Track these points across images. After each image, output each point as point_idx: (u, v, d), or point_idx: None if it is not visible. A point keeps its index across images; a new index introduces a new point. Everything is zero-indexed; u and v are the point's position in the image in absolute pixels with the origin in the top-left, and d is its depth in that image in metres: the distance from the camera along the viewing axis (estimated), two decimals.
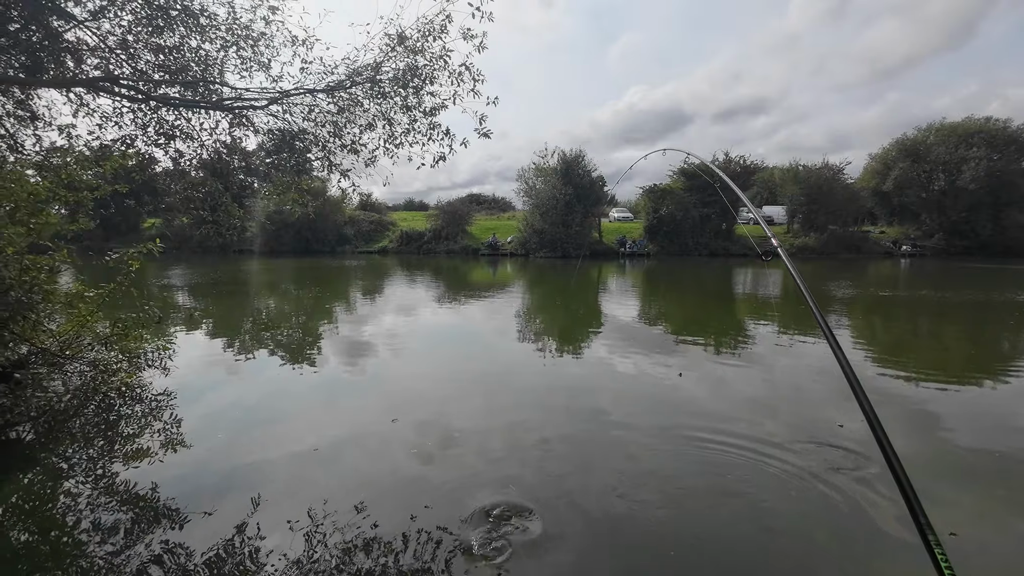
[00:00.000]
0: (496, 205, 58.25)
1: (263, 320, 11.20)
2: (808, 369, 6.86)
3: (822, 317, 1.67)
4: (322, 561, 2.78)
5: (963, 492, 3.65)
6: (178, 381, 5.88)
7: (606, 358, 7.34)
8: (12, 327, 4.16)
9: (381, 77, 5.19)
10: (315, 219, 38.14)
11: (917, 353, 8.23)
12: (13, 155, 4.96)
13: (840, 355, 1.52)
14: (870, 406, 1.38)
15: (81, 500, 3.47)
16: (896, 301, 14.34)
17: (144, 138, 5.08)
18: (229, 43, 5.13)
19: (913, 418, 5.02)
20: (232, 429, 4.67)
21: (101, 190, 5.61)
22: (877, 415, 1.36)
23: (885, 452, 1.27)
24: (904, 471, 1.24)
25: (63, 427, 4.59)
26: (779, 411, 5.14)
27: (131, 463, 3.97)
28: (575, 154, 36.23)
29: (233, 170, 5.82)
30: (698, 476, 3.79)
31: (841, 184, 39.11)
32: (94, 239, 28.88)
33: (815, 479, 3.71)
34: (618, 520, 3.18)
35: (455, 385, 6.19)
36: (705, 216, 36.70)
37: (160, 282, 17.83)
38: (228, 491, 3.52)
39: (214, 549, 2.87)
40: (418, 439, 4.36)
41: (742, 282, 20.19)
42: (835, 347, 1.55)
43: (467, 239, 39.45)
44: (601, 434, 4.55)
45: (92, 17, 4.66)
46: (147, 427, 4.66)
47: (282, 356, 7.56)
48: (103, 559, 2.81)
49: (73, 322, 5.01)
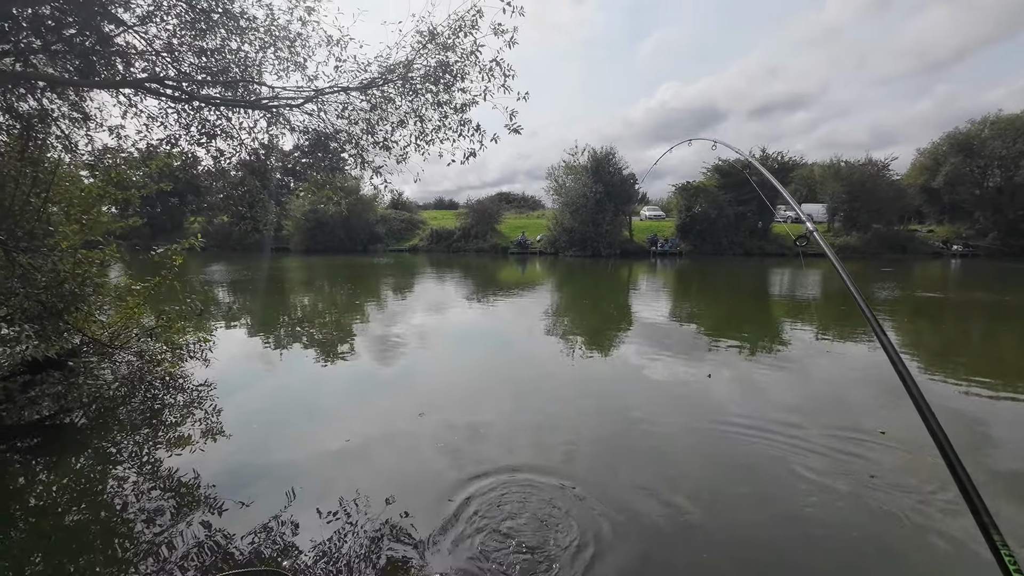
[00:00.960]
0: (526, 203, 58.17)
1: (298, 316, 11.50)
2: (848, 373, 6.59)
3: (868, 308, 1.57)
4: (353, 549, 2.81)
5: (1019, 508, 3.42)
6: (218, 373, 6.09)
7: (636, 359, 7.23)
8: (66, 317, 4.38)
9: (413, 74, 5.24)
10: (348, 217, 38.98)
11: (969, 359, 7.79)
12: (68, 155, 5.22)
13: (885, 340, 1.43)
14: (922, 397, 1.29)
15: (128, 484, 3.63)
16: (946, 304, 13.63)
17: (187, 137, 5.28)
18: (267, 44, 5.27)
19: (961, 427, 4.75)
20: (268, 420, 4.80)
21: (147, 188, 5.86)
22: (930, 407, 1.27)
23: (940, 445, 1.18)
24: (964, 468, 1.15)
25: (112, 414, 4.81)
26: (818, 416, 4.95)
27: (174, 450, 4.12)
28: (606, 152, 35.83)
29: (271, 169, 5.98)
30: (732, 479, 3.68)
31: (886, 181, 37.36)
32: (142, 237, 30.20)
33: (856, 486, 3.55)
34: (650, 521, 3.11)
35: (483, 383, 6.20)
36: (740, 214, 35.69)
37: (201, 278, 18.54)
38: (264, 480, 3.62)
39: (251, 535, 2.95)
40: (447, 434, 4.38)
41: (779, 283, 19.56)
42: (879, 333, 1.45)
43: (496, 238, 39.54)
44: (632, 435, 4.48)
45: (140, 22, 4.86)
46: (189, 416, 4.84)
47: (316, 351, 7.74)
48: (148, 540, 2.92)
49: (121, 314, 5.25)
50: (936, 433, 1.21)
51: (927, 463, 3.91)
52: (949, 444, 1.19)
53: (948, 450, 1.18)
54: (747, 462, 3.93)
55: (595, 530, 2.99)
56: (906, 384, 1.33)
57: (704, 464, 3.93)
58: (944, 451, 1.18)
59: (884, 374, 6.43)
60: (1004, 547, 1.03)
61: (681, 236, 37.01)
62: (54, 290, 4.13)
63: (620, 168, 36.06)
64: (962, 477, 1.13)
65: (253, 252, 37.24)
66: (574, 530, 2.98)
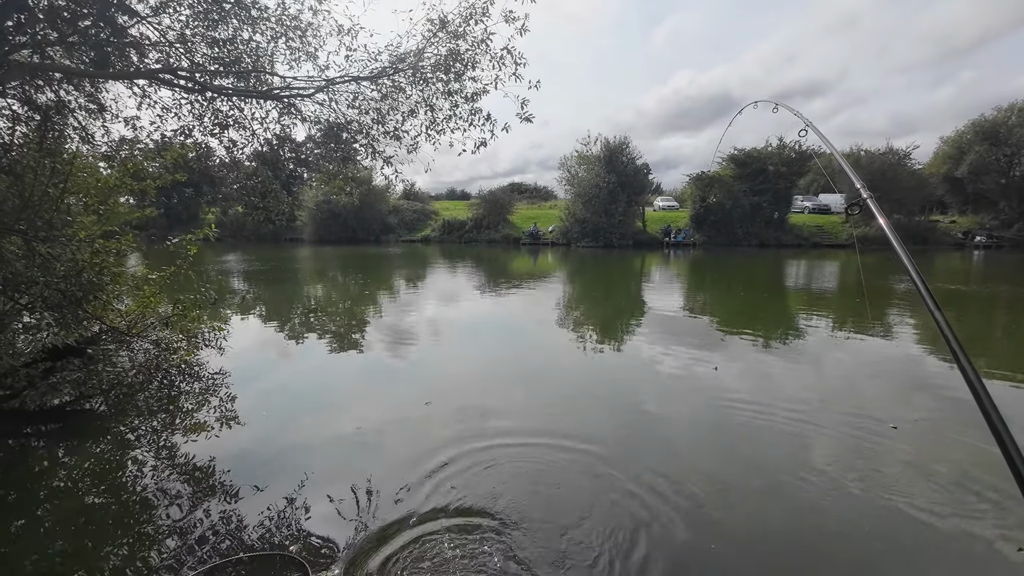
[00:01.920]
0: (538, 194, 57.87)
1: (311, 305, 11.62)
2: (863, 367, 6.48)
3: (928, 292, 1.44)
4: (363, 535, 2.85)
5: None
6: (233, 361, 6.20)
7: (648, 350, 7.19)
8: (85, 306, 4.47)
9: (423, 63, 5.21)
10: (361, 208, 39.14)
11: (995, 352, 7.62)
12: (85, 146, 5.29)
13: (947, 329, 1.35)
14: (974, 371, 1.23)
15: (146, 468, 3.72)
16: (968, 296, 13.32)
17: (200, 128, 5.32)
18: (279, 34, 5.27)
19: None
20: (281, 408, 4.87)
21: (162, 179, 5.93)
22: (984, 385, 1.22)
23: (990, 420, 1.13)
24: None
25: (130, 400, 4.92)
26: (831, 410, 4.89)
27: (190, 436, 4.21)
28: (619, 141, 35.41)
29: (284, 159, 6.01)
30: (743, 473, 3.65)
31: (907, 170, 36.42)
32: (158, 227, 30.60)
33: (868, 480, 3.50)
34: (658, 512, 3.11)
35: (494, 374, 6.22)
36: (756, 205, 35.12)
37: (216, 267, 18.80)
38: (277, 466, 3.68)
39: (264, 520, 3.01)
40: (457, 424, 4.41)
41: (794, 274, 19.28)
42: (942, 324, 1.36)
43: (508, 228, 39.43)
44: (642, 427, 4.46)
45: (154, 12, 4.89)
46: (204, 403, 4.93)
47: (329, 340, 7.82)
48: (164, 523, 3.00)
49: (138, 303, 5.35)
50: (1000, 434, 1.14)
51: (940, 459, 3.85)
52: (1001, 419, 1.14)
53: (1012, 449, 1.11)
54: (758, 454, 3.90)
55: (599, 518, 2.99)
56: (957, 358, 1.27)
57: (714, 454, 3.91)
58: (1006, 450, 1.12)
59: (897, 368, 6.33)
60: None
61: (695, 227, 36.55)
62: (73, 279, 4.21)
63: (634, 158, 35.67)
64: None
65: (267, 242, 37.67)
66: (578, 517, 2.99)
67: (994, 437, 1.14)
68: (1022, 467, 1.07)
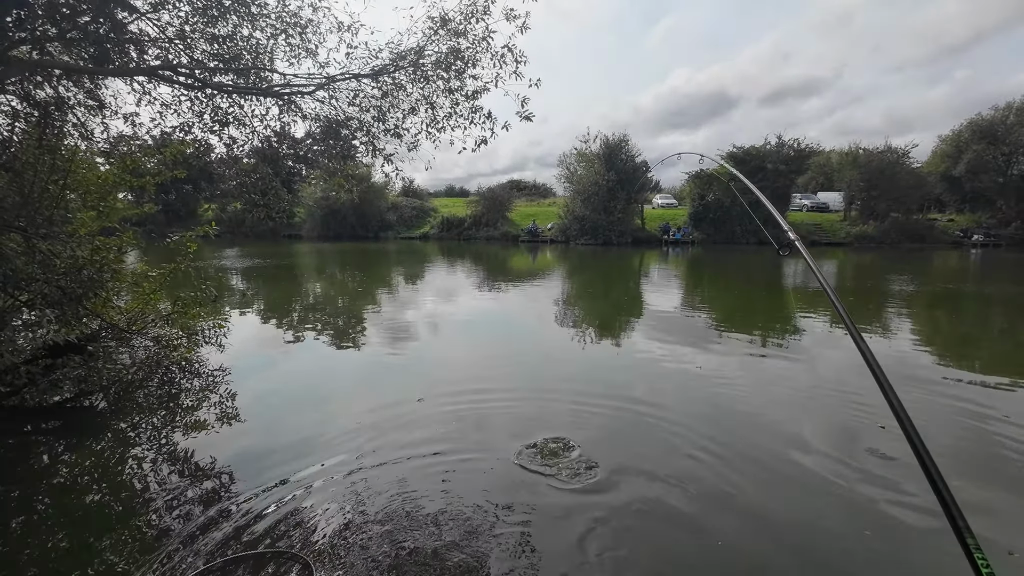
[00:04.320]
0: (537, 191, 57.80)
1: (310, 302, 11.62)
2: (854, 365, 6.51)
3: (844, 310, 1.57)
4: (365, 530, 2.87)
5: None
6: (232, 358, 6.20)
7: (645, 347, 7.21)
8: (85, 303, 4.47)
9: (424, 61, 5.21)
10: (360, 205, 39.06)
11: (987, 349, 7.66)
12: (84, 143, 5.27)
13: (863, 346, 1.44)
14: (897, 400, 1.30)
15: (146, 465, 3.73)
16: (964, 295, 13.37)
17: (200, 125, 5.31)
18: (278, 31, 5.26)
19: (972, 418, 4.69)
20: (281, 404, 4.88)
21: (162, 176, 5.92)
22: (906, 410, 1.28)
23: (916, 449, 1.18)
24: (938, 469, 1.15)
25: (130, 397, 4.93)
26: (821, 407, 4.94)
27: (190, 433, 4.22)
28: (618, 139, 35.39)
29: (283, 156, 6.00)
30: (741, 471, 3.68)
31: (906, 169, 36.47)
32: (156, 223, 30.56)
33: (849, 482, 3.53)
34: (664, 507, 3.14)
35: (492, 369, 6.23)
36: (754, 203, 35.13)
37: (215, 263, 18.77)
38: (277, 462, 3.69)
39: (264, 516, 3.02)
40: (455, 419, 4.42)
41: (791, 273, 19.32)
42: (857, 338, 1.46)
43: (507, 225, 39.41)
44: (641, 423, 4.48)
45: (153, 9, 4.87)
46: (204, 400, 4.94)
47: (328, 337, 7.83)
48: (165, 520, 3.01)
49: (138, 299, 5.34)
50: (912, 437, 1.21)
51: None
52: (926, 450, 1.19)
53: (923, 455, 1.17)
54: (751, 454, 3.92)
55: (603, 514, 3.02)
56: (880, 383, 1.35)
57: (706, 453, 3.93)
58: (920, 456, 1.18)
59: (889, 367, 6.36)
60: (978, 551, 1.02)
61: (694, 224, 36.59)
62: (73, 276, 4.21)
63: (633, 155, 35.66)
64: (939, 485, 1.13)
65: (266, 238, 37.57)
66: (583, 515, 3.01)
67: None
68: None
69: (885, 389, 1.33)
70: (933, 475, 1.14)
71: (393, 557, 2.66)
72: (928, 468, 1.15)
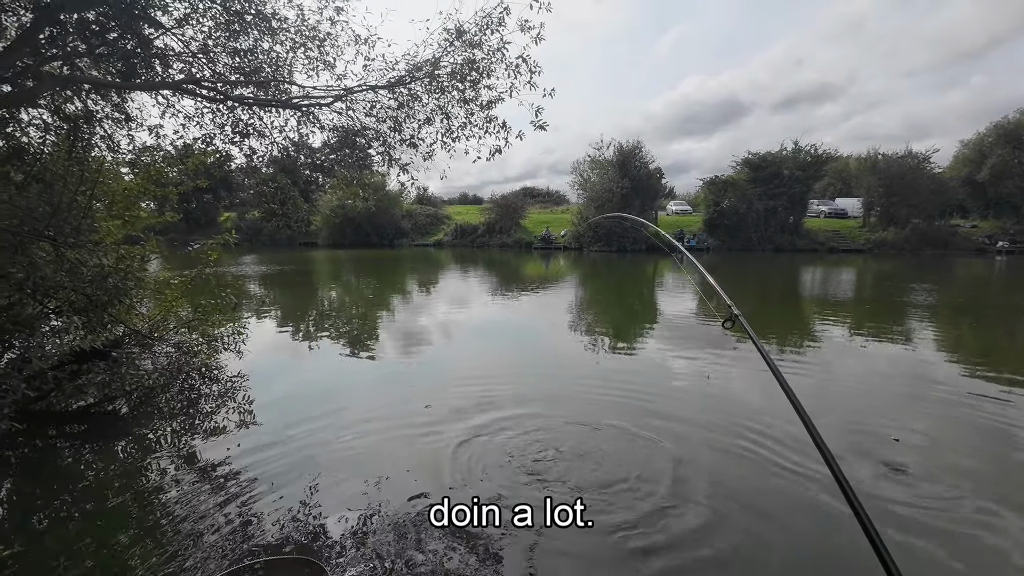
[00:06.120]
0: (550, 198, 57.88)
1: (326, 309, 11.76)
2: (872, 375, 6.40)
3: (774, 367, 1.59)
4: (379, 534, 2.89)
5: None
6: (251, 364, 6.30)
7: (659, 356, 7.16)
8: (110, 310, 4.59)
9: (440, 72, 5.28)
10: (375, 213, 39.53)
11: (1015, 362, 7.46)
12: (111, 154, 5.44)
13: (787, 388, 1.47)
14: (824, 445, 1.31)
15: (167, 470, 3.80)
16: (993, 305, 13.04)
17: (221, 136, 5.45)
18: (298, 44, 5.38)
19: (997, 433, 4.56)
20: (298, 410, 4.93)
21: (184, 185, 6.07)
22: (837, 463, 1.29)
23: (847, 495, 1.19)
24: (868, 516, 1.15)
25: (152, 402, 5.03)
26: (834, 418, 4.85)
27: (210, 438, 4.29)
28: (632, 146, 35.34)
29: (300, 165, 6.12)
30: (748, 484, 3.62)
31: (926, 174, 35.76)
32: (179, 231, 31.26)
33: (865, 494, 3.46)
34: (662, 520, 3.11)
35: (505, 375, 6.23)
36: (771, 209, 34.74)
37: (234, 270, 19.10)
38: (296, 468, 3.73)
39: (281, 521, 3.06)
40: (468, 426, 4.43)
41: (809, 280, 19.04)
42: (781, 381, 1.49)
43: (520, 232, 39.49)
44: (653, 434, 4.44)
45: (178, 24, 5.03)
46: (223, 406, 5.02)
47: (343, 344, 7.91)
48: (185, 523, 3.06)
49: (161, 307, 5.47)
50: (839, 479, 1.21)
51: (943, 472, 3.79)
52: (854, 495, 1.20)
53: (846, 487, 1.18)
54: (762, 465, 3.86)
55: (606, 520, 3.00)
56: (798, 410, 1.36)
57: (717, 463, 3.88)
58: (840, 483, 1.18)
59: (906, 379, 6.23)
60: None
61: (708, 231, 36.27)
62: (99, 284, 4.33)
63: (647, 162, 35.57)
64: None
65: (283, 246, 38.17)
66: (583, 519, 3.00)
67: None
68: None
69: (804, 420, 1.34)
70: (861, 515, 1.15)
71: (406, 565, 2.68)
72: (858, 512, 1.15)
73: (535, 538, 2.91)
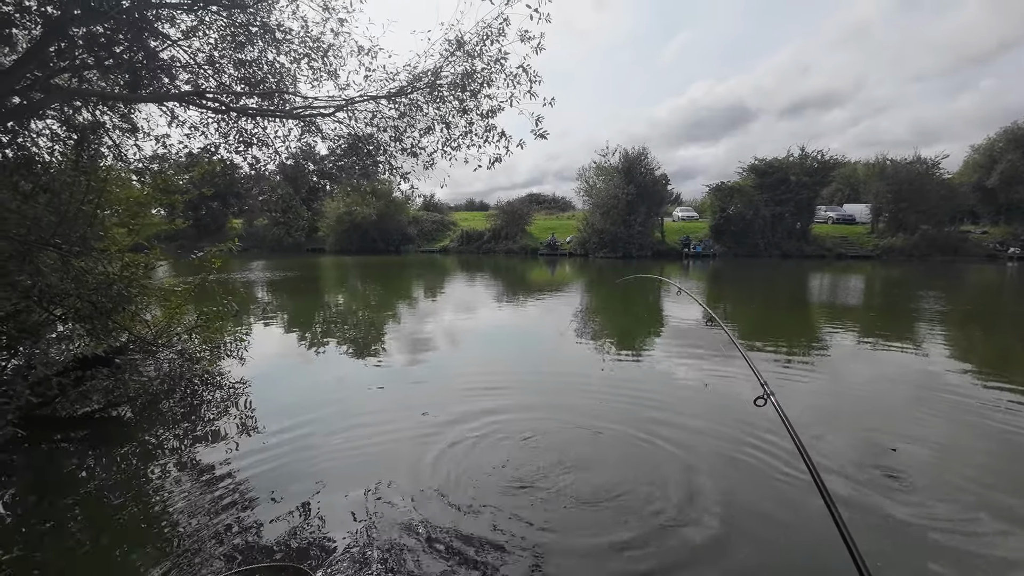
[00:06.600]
0: (556, 204, 58.01)
1: (331, 314, 11.83)
2: (878, 382, 6.35)
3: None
4: (378, 546, 2.90)
5: None
6: (253, 370, 6.34)
7: (666, 363, 7.13)
8: (114, 317, 4.66)
9: (440, 82, 5.33)
10: (381, 219, 39.81)
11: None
12: (118, 163, 5.53)
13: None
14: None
15: (168, 475, 3.83)
16: (1004, 312, 12.88)
17: (226, 146, 5.53)
18: (301, 55, 5.46)
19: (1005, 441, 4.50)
20: (300, 417, 4.95)
21: (190, 193, 6.15)
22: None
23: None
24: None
25: (155, 409, 5.08)
26: (837, 426, 4.81)
27: (211, 444, 4.33)
28: (638, 152, 35.41)
29: (308, 173, 6.18)
30: (752, 494, 3.60)
31: (935, 180, 35.47)
32: (188, 238, 31.56)
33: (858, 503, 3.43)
34: (665, 536, 3.09)
35: (510, 381, 6.23)
36: (778, 215, 34.61)
37: (241, 276, 19.27)
38: (294, 475, 3.75)
39: (280, 529, 3.08)
40: (473, 434, 4.44)
41: (817, 287, 18.90)
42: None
43: (526, 239, 39.59)
44: (659, 444, 4.42)
45: (184, 36, 5.13)
46: (225, 412, 5.06)
47: (348, 349, 7.95)
48: (185, 531, 3.09)
49: (164, 314, 5.54)
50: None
51: (942, 485, 3.75)
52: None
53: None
54: (767, 473, 3.83)
55: (607, 534, 2.99)
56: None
57: (722, 471, 3.85)
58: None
59: (911, 387, 6.16)
60: None
61: (715, 237, 36.17)
62: (103, 291, 4.39)
63: (652, 169, 35.59)
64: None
65: (290, 252, 38.48)
66: (583, 533, 2.99)
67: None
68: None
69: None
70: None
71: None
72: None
73: (537, 547, 2.91)
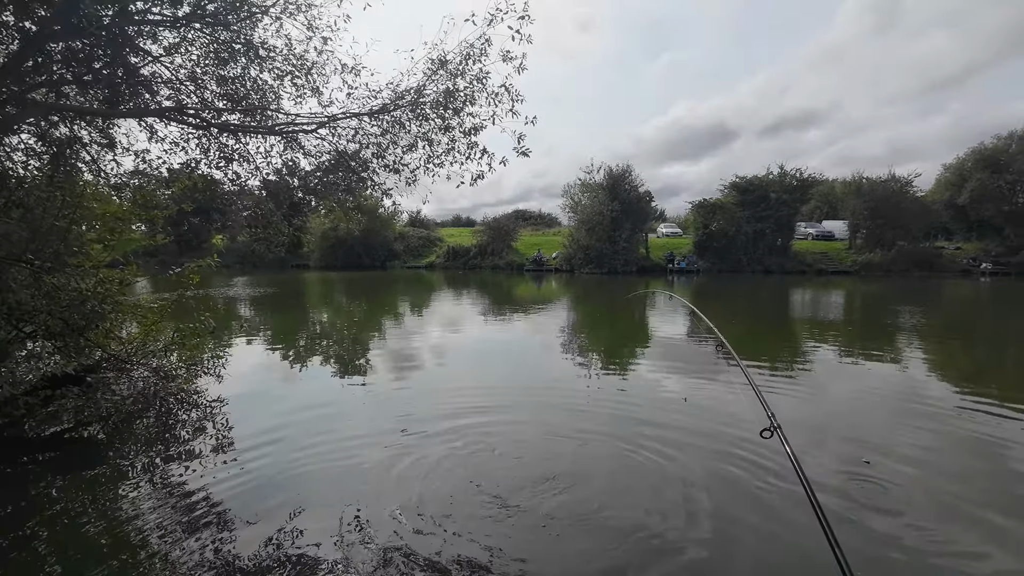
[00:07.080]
0: (542, 221, 58.42)
1: (314, 331, 11.69)
2: (864, 394, 6.44)
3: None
4: (353, 563, 2.83)
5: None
6: (231, 388, 6.22)
7: (651, 377, 7.16)
8: (87, 334, 4.55)
9: (423, 100, 5.39)
10: (367, 235, 39.69)
11: (1003, 380, 7.53)
12: (96, 179, 5.47)
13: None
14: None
15: (141, 497, 3.71)
16: (979, 325, 13.21)
17: (206, 162, 5.51)
18: (285, 72, 5.49)
19: (983, 450, 4.59)
20: (278, 436, 4.86)
21: (170, 209, 6.09)
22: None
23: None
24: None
25: (128, 428, 4.94)
26: (816, 438, 4.87)
27: (185, 465, 4.21)
28: (622, 169, 35.98)
29: (291, 189, 6.16)
30: (739, 508, 3.61)
31: (910, 197, 36.62)
32: (169, 254, 31.09)
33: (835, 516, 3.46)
34: (650, 549, 3.08)
35: (497, 398, 6.19)
36: (759, 231, 35.29)
37: (224, 292, 18.99)
38: (271, 495, 3.67)
39: (257, 551, 2.99)
40: (457, 453, 4.39)
41: (799, 302, 19.22)
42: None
43: (512, 255, 39.74)
44: (644, 458, 4.42)
45: (166, 53, 5.12)
46: (201, 432, 4.94)
47: (329, 367, 7.85)
48: (159, 553, 2.99)
49: (139, 331, 5.43)
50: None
51: (913, 500, 3.81)
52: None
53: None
54: (748, 487, 3.85)
55: (592, 548, 2.96)
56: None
57: (707, 487, 3.86)
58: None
59: (891, 401, 6.27)
60: None
61: (699, 253, 36.71)
62: (76, 308, 4.30)
63: (636, 186, 36.15)
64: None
65: (274, 268, 38.10)
66: (567, 545, 2.96)
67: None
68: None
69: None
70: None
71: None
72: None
73: (522, 565, 2.87)
